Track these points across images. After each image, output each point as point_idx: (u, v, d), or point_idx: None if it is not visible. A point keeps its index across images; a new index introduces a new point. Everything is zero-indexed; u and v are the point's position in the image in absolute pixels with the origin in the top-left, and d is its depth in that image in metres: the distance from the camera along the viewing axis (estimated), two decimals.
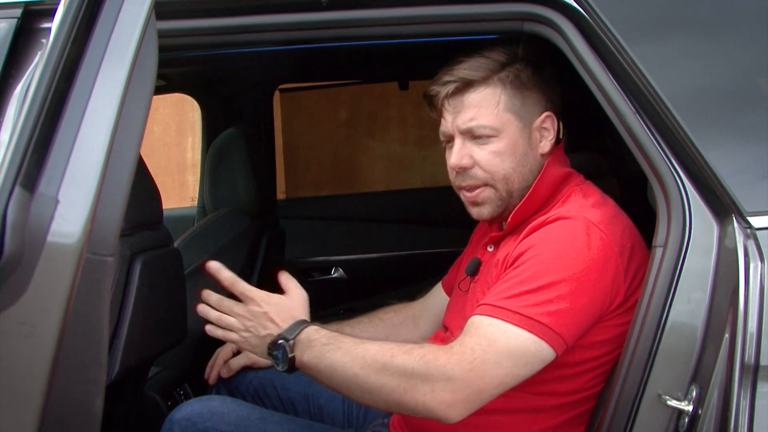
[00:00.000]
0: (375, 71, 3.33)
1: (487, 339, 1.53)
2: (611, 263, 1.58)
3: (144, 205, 1.88)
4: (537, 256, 1.59)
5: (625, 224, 1.67)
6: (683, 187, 1.53)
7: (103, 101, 1.27)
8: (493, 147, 1.71)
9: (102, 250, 1.28)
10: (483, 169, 1.72)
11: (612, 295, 1.59)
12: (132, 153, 1.32)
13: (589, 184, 1.77)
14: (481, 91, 1.71)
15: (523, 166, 1.73)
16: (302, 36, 1.72)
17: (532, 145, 1.74)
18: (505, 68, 1.72)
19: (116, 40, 1.30)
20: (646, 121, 1.55)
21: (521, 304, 1.53)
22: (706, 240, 1.51)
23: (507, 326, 1.53)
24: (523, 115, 1.72)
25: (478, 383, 1.50)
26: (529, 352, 1.52)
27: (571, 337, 1.55)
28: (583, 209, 1.65)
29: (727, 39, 1.57)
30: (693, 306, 1.50)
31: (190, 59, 2.45)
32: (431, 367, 1.51)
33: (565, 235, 1.60)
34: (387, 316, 2.09)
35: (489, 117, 1.70)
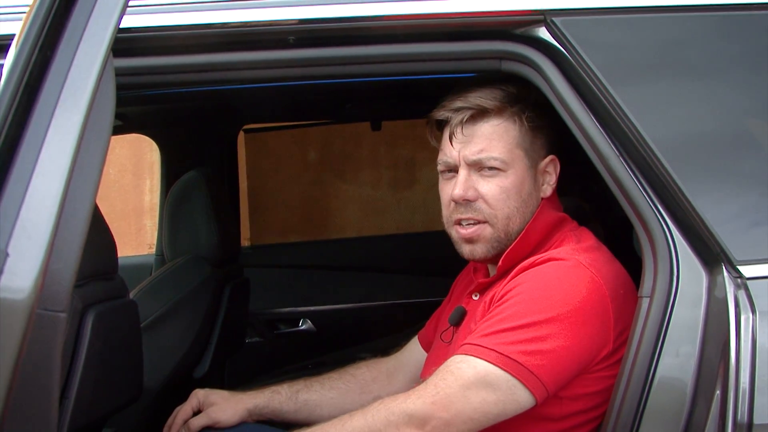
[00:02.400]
0: (346, 111, 3.36)
1: (454, 374, 1.54)
2: (601, 308, 1.59)
3: (97, 254, 1.87)
4: (521, 294, 1.60)
5: (619, 271, 1.68)
6: (670, 234, 1.55)
7: (57, 148, 1.28)
8: (500, 182, 1.72)
9: (54, 305, 1.28)
10: (487, 204, 1.72)
11: (601, 342, 1.59)
12: (87, 201, 1.32)
13: (583, 230, 1.78)
14: (495, 122, 1.72)
15: (526, 207, 1.74)
16: (269, 74, 1.73)
17: (537, 187, 1.76)
18: (519, 103, 1.74)
19: (72, 83, 1.31)
20: (630, 164, 1.57)
21: (497, 342, 1.54)
22: (695, 290, 1.53)
23: (478, 362, 1.54)
24: (531, 154, 1.75)
25: (443, 415, 1.52)
26: (500, 390, 1.53)
27: (552, 382, 1.55)
28: (576, 252, 1.66)
29: (716, 83, 1.60)
30: (682, 360, 1.51)
31: (149, 98, 2.46)
32: (390, 408, 1.54)
33: (553, 274, 1.61)
34: (359, 372, 2.08)
35: (500, 149, 1.72)
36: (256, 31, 1.64)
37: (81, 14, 1.34)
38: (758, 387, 1.43)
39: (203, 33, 1.63)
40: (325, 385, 2.02)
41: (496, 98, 1.72)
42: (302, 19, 1.63)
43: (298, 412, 1.98)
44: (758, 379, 1.43)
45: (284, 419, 1.98)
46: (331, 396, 2.01)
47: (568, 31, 1.58)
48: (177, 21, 1.61)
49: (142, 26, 1.60)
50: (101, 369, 1.83)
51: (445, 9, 1.63)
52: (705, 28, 1.62)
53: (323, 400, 2.00)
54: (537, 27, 1.61)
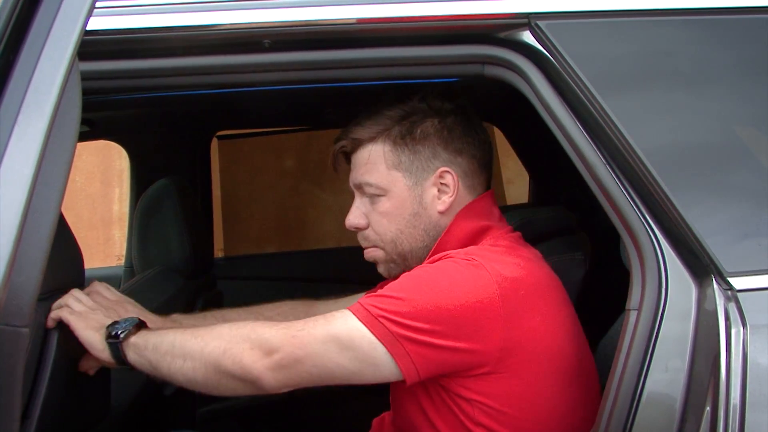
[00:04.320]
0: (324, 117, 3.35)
1: (326, 320, 1.59)
2: (490, 306, 1.58)
3: (63, 266, 1.86)
4: (413, 274, 1.66)
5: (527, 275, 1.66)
6: (658, 245, 1.56)
7: (20, 155, 1.27)
8: (381, 207, 1.79)
9: (16, 320, 1.27)
10: (373, 230, 1.81)
11: (487, 341, 1.59)
12: (52, 211, 1.31)
13: (510, 236, 1.79)
14: (369, 147, 1.79)
15: (414, 227, 1.78)
16: (243, 79, 1.73)
17: (425, 204, 1.78)
18: (398, 124, 1.78)
19: (36, 88, 1.30)
20: (617, 173, 1.58)
21: (373, 304, 1.58)
22: (684, 302, 1.54)
23: (350, 318, 1.57)
24: (414, 171, 1.78)
25: (295, 351, 1.55)
26: (360, 349, 1.55)
27: (421, 360, 1.56)
28: (477, 250, 1.68)
29: (708, 91, 1.61)
30: (671, 375, 1.52)
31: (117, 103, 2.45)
32: (255, 327, 1.60)
33: (445, 267, 1.64)
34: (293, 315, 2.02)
35: (376, 175, 1.78)
36: (230, 33, 1.64)
37: (45, 16, 1.34)
38: (749, 403, 1.44)
39: (174, 36, 1.62)
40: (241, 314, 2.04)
41: (374, 125, 1.79)
42: (278, 21, 1.63)
43: None
44: (749, 395, 1.44)
45: None
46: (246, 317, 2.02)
47: (553, 35, 1.59)
48: (146, 23, 1.60)
49: (109, 29, 1.59)
50: (66, 387, 1.82)
51: (426, 12, 1.64)
52: (696, 32, 1.63)
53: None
54: (521, 30, 1.61)
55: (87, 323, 1.70)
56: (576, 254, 2.18)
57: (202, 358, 1.60)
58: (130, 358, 1.67)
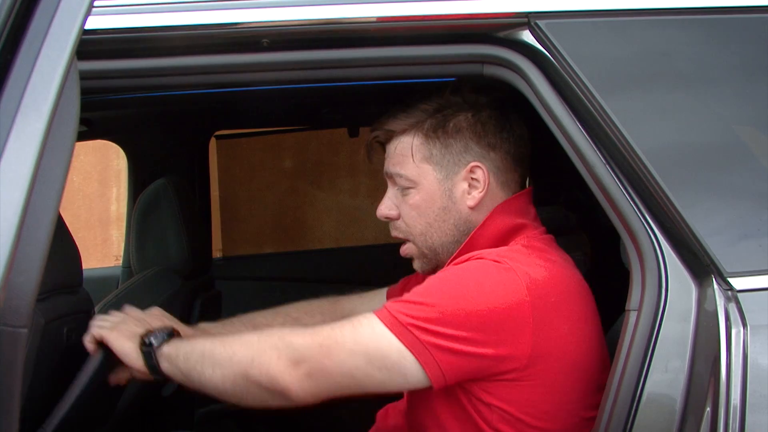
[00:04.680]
0: (322, 116, 3.36)
1: (353, 326, 1.58)
2: (519, 312, 1.58)
3: (61, 266, 1.86)
4: (442, 277, 1.65)
5: (560, 278, 1.66)
6: (658, 246, 1.56)
7: (19, 155, 1.27)
8: (412, 200, 1.79)
9: (15, 320, 1.27)
10: (404, 222, 1.81)
11: (515, 347, 1.58)
12: (50, 211, 1.31)
13: (544, 238, 1.78)
14: (401, 138, 1.79)
15: (443, 221, 1.78)
16: (241, 79, 1.73)
17: (455, 199, 1.78)
18: (431, 117, 1.77)
19: (34, 87, 1.30)
20: (617, 173, 1.58)
21: (402, 311, 1.57)
22: (684, 303, 1.54)
23: (378, 325, 1.56)
24: (445, 164, 1.77)
25: (323, 361, 1.55)
26: (390, 358, 1.55)
27: (449, 367, 1.55)
28: (509, 252, 1.67)
29: (707, 92, 1.61)
30: (671, 375, 1.52)
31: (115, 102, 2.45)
32: (283, 335, 1.59)
33: (475, 269, 1.63)
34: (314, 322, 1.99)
35: (406, 167, 1.78)
36: (229, 33, 1.64)
37: (44, 15, 1.34)
38: (750, 404, 1.44)
39: (172, 35, 1.62)
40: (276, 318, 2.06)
41: (408, 118, 1.78)
42: (277, 21, 1.63)
43: None
44: (749, 396, 1.44)
45: None
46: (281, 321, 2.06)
47: (553, 34, 1.59)
48: (145, 23, 1.61)
49: (108, 28, 1.60)
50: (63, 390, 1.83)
51: (425, 11, 1.64)
52: (696, 32, 1.63)
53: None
54: (520, 30, 1.61)
55: (120, 333, 1.72)
56: (576, 254, 2.18)
57: (231, 367, 1.59)
58: (163, 367, 1.68)
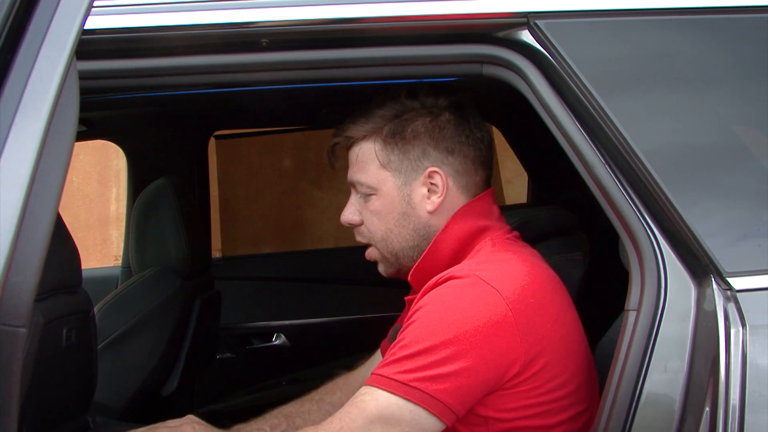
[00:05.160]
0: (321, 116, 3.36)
1: (357, 407, 1.57)
2: (504, 323, 1.58)
3: (60, 266, 1.86)
4: (419, 319, 1.62)
5: (533, 278, 1.66)
6: (657, 246, 1.56)
7: (18, 155, 1.27)
8: (372, 205, 1.81)
9: (13, 320, 1.26)
10: (366, 228, 1.83)
11: (508, 358, 1.58)
12: (49, 211, 1.31)
13: (507, 238, 1.78)
14: (361, 146, 1.80)
15: (403, 227, 1.79)
16: (240, 79, 1.73)
17: (414, 204, 1.78)
18: (390, 122, 1.78)
19: (33, 87, 1.30)
20: (616, 173, 1.58)
21: (397, 370, 1.57)
22: (683, 303, 1.54)
23: (380, 393, 1.56)
24: (404, 170, 1.78)
25: None
26: (404, 420, 1.55)
27: (458, 404, 1.56)
28: (480, 265, 1.67)
29: (707, 93, 1.61)
30: (670, 376, 1.52)
31: (115, 102, 2.45)
32: None
33: (450, 295, 1.63)
34: (335, 398, 2.08)
35: (366, 174, 1.80)
36: (228, 33, 1.64)
37: (43, 15, 1.34)
38: (749, 403, 1.43)
39: (172, 35, 1.62)
40: (308, 421, 2.02)
41: (367, 123, 1.79)
42: (276, 20, 1.63)
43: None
44: (749, 396, 1.44)
45: None
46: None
47: (552, 34, 1.59)
48: (144, 23, 1.60)
49: (107, 28, 1.59)
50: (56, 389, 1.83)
51: (424, 11, 1.64)
52: (695, 32, 1.63)
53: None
54: (519, 30, 1.61)
55: None
56: (575, 254, 2.18)
57: None
58: None
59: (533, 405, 1.63)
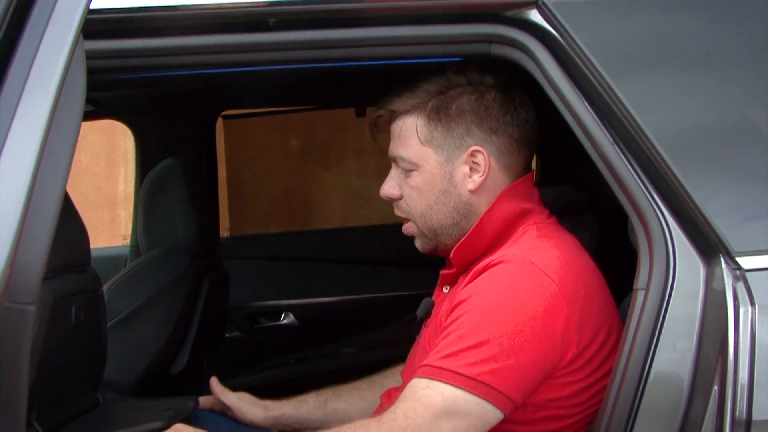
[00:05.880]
0: (329, 96, 3.35)
1: (422, 403, 1.56)
2: (559, 313, 1.59)
3: (69, 245, 1.86)
4: (476, 307, 1.61)
5: (581, 269, 1.68)
6: (666, 225, 1.55)
7: (25, 134, 1.26)
8: (413, 181, 1.78)
9: (22, 298, 1.27)
10: (406, 203, 1.81)
11: (563, 348, 1.60)
12: (57, 190, 1.31)
13: (549, 223, 1.79)
14: (404, 120, 1.78)
15: (443, 204, 1.77)
16: (248, 58, 1.72)
17: (455, 182, 1.76)
18: (434, 98, 1.76)
19: (39, 66, 1.29)
20: (625, 153, 1.57)
21: (460, 363, 1.56)
22: (692, 282, 1.53)
23: (445, 387, 1.55)
24: (446, 148, 1.76)
25: None
26: (471, 414, 1.55)
27: (519, 394, 1.57)
28: (531, 251, 1.66)
29: (717, 74, 1.60)
30: (678, 355, 1.52)
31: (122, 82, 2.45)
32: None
33: (506, 281, 1.62)
34: (387, 382, 2.07)
35: (408, 149, 1.77)
36: (235, 12, 1.63)
37: None
38: (757, 382, 1.44)
39: (179, 14, 1.61)
40: (353, 395, 2.04)
41: (411, 98, 1.77)
42: (283, 0, 1.63)
43: (327, 422, 1.99)
44: (757, 375, 1.44)
45: (311, 429, 2.01)
46: (360, 406, 2.03)
47: (561, 14, 1.58)
48: (151, 1, 1.60)
49: (114, 7, 1.59)
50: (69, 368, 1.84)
51: None
52: (707, 12, 1.62)
53: (352, 410, 2.02)
54: (528, 9, 1.60)
55: None
56: (583, 234, 2.17)
57: None
58: None
59: (575, 394, 1.64)
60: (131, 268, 2.84)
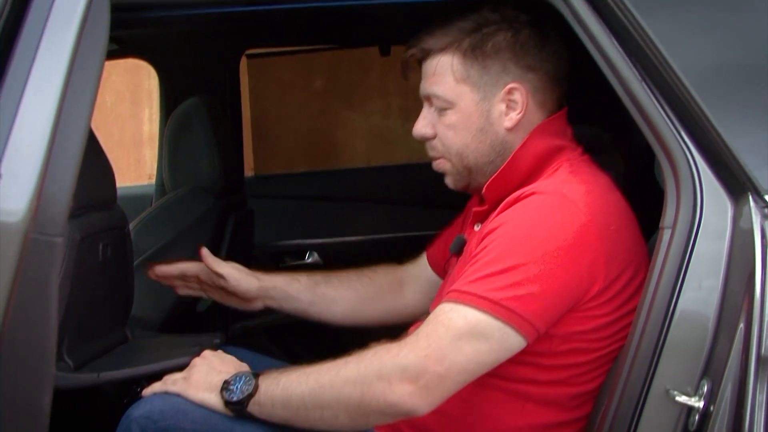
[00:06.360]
0: (353, 35, 3.32)
1: (444, 325, 1.56)
2: (588, 245, 1.59)
3: (95, 183, 1.87)
4: (505, 235, 1.61)
5: (613, 205, 1.68)
6: (694, 163, 1.54)
7: (49, 65, 1.26)
8: (448, 120, 1.76)
9: (50, 229, 1.27)
10: (440, 141, 1.79)
11: (589, 281, 1.59)
12: (83, 122, 1.31)
13: (583, 159, 1.78)
14: (438, 59, 1.75)
15: (480, 142, 1.76)
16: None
17: (492, 120, 1.75)
18: (469, 36, 1.73)
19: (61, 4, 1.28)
20: (653, 89, 1.56)
21: (486, 288, 1.55)
22: (719, 221, 1.52)
23: (468, 310, 1.55)
24: (482, 86, 1.74)
25: (436, 368, 1.52)
26: (493, 338, 1.54)
27: (542, 323, 1.57)
28: (564, 184, 1.66)
29: (748, 9, 1.58)
30: (704, 293, 1.51)
31: (146, 20, 2.43)
32: (384, 361, 1.55)
33: (537, 211, 1.62)
34: (376, 276, 2.13)
35: (444, 87, 1.75)
36: None
37: None
38: None
39: None
40: (343, 283, 2.08)
41: (445, 36, 1.74)
42: None
43: (313, 304, 2.05)
44: None
45: (296, 309, 2.06)
46: (348, 295, 2.08)
47: None
48: None
49: None
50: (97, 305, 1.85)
51: None
52: None
53: (340, 298, 2.07)
54: None
55: (196, 387, 1.69)
56: (609, 173, 2.15)
57: (340, 406, 1.57)
58: (257, 415, 1.64)
59: (600, 327, 1.64)
60: (157, 206, 2.85)
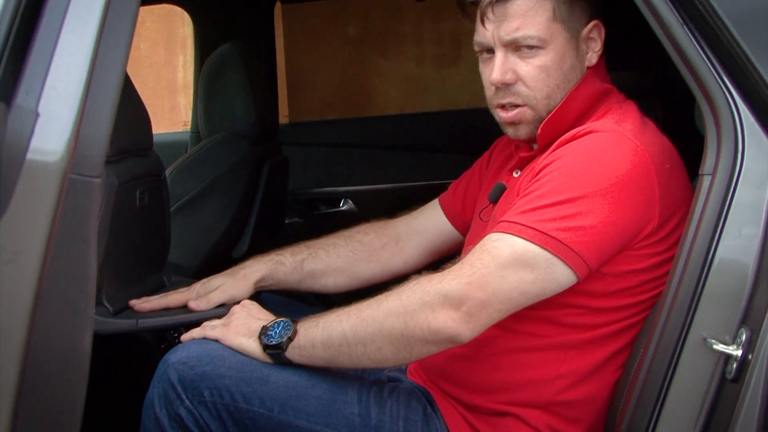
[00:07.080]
0: None
1: (490, 253, 1.55)
2: (646, 181, 1.57)
3: (132, 129, 1.87)
4: (560, 169, 1.59)
5: (665, 144, 1.67)
6: (736, 109, 1.50)
7: (85, 5, 1.25)
8: (539, 61, 1.70)
9: (88, 170, 1.27)
10: (527, 86, 1.71)
11: (646, 217, 1.58)
12: (119, 66, 1.30)
13: (630, 103, 1.76)
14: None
15: (569, 82, 1.72)
16: None
17: (580, 58, 1.73)
18: None
19: None
20: (695, 33, 1.52)
21: (535, 219, 1.54)
22: (761, 168, 1.49)
23: (515, 240, 1.54)
24: (571, 24, 1.70)
25: (479, 295, 1.52)
26: (539, 268, 1.53)
27: (594, 258, 1.55)
28: (619, 123, 1.64)
29: None
30: (744, 241, 1.49)
31: None
32: (426, 289, 1.55)
33: (594, 147, 1.60)
34: (367, 239, 2.09)
35: (537, 26, 1.68)
36: None
37: None
38: None
39: None
40: (330, 254, 2.05)
41: None
42: None
43: (301, 282, 2.03)
44: None
45: (289, 288, 2.05)
46: (338, 264, 2.05)
47: None
48: None
49: None
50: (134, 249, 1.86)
51: None
52: None
53: (329, 269, 2.04)
54: None
55: (235, 332, 1.70)
56: None
57: (383, 338, 1.57)
58: (296, 360, 1.66)
59: (654, 266, 1.63)
60: (192, 153, 2.86)
